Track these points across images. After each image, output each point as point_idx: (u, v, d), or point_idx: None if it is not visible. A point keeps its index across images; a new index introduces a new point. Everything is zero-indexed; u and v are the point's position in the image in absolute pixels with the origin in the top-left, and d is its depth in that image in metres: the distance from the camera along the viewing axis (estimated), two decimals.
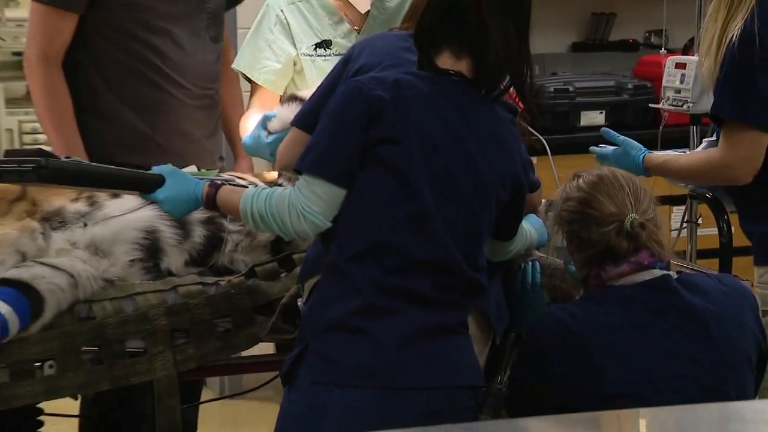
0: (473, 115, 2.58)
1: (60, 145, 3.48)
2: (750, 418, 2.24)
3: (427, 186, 2.50)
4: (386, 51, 2.83)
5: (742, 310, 2.76)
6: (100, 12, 3.48)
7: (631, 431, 2.25)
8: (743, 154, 2.97)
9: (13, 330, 2.68)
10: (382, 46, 2.86)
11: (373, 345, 2.49)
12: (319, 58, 3.55)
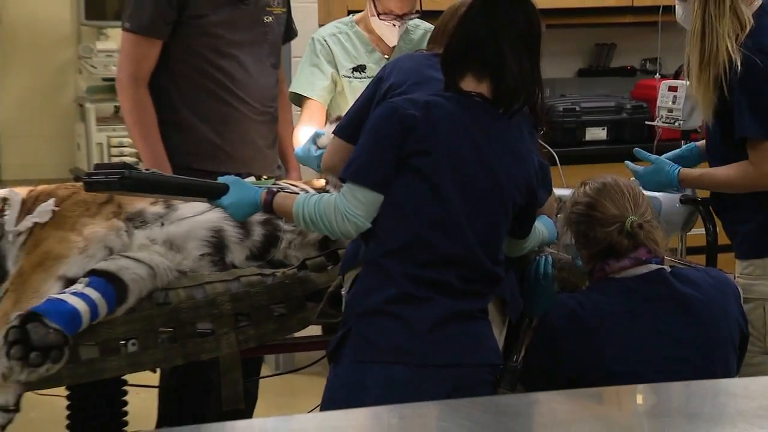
0: (492, 130, 2.59)
1: (146, 152, 3.53)
2: (736, 393, 2.23)
3: (453, 191, 2.51)
4: (412, 70, 2.84)
5: (726, 298, 2.75)
6: (180, 39, 3.50)
7: (630, 405, 2.22)
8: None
9: (102, 313, 2.71)
10: (408, 66, 2.87)
11: (406, 328, 2.50)
12: (356, 79, 3.59)
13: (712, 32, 2.91)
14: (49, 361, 2.60)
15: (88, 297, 2.69)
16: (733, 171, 3.01)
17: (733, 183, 3.03)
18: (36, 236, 2.89)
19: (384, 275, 2.53)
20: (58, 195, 2.99)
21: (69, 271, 2.78)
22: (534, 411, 2.18)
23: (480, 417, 2.04)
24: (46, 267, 2.79)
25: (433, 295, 2.51)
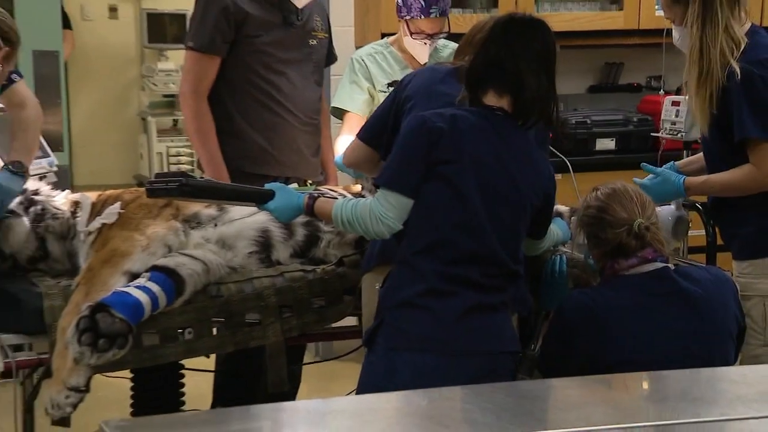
0: (512, 140, 2.58)
1: (205, 157, 3.56)
2: (735, 380, 2.23)
3: (476, 196, 2.50)
4: (423, 84, 2.83)
5: (725, 294, 2.73)
6: (235, 57, 3.53)
7: (636, 390, 2.21)
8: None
9: (162, 305, 2.71)
10: (421, 81, 2.86)
11: (434, 319, 2.49)
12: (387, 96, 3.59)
13: (708, 53, 2.89)
14: (115, 347, 2.61)
15: (149, 290, 2.70)
16: (737, 174, 2.95)
17: (738, 185, 2.97)
18: (104, 235, 2.90)
19: (414, 272, 2.53)
20: (123, 199, 3.00)
21: (133, 267, 2.78)
22: (550, 395, 2.18)
23: (502, 401, 2.03)
24: (113, 263, 2.80)
25: (458, 290, 2.50)
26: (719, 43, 2.88)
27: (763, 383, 2.18)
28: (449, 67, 2.93)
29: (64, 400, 2.65)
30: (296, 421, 1.98)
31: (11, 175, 2.95)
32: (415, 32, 3.50)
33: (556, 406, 2.10)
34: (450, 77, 2.81)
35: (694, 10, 2.91)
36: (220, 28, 3.48)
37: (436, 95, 2.74)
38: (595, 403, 2.09)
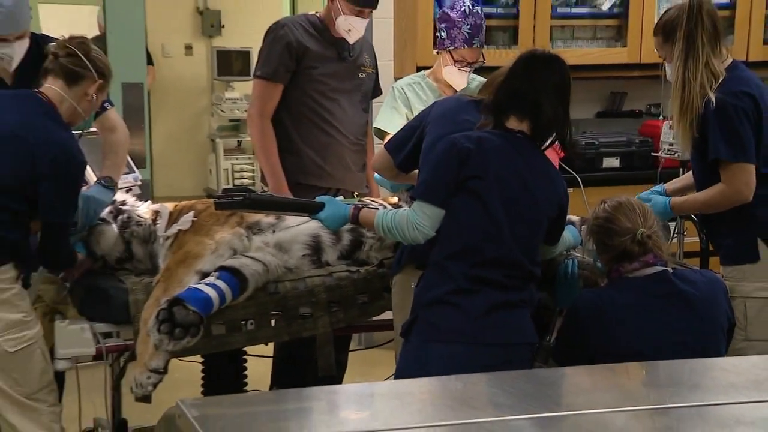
0: (531, 159, 2.56)
1: (268, 170, 3.58)
2: (727, 369, 2.18)
3: (500, 208, 2.48)
4: (444, 113, 2.82)
5: (716, 294, 2.68)
6: (296, 85, 3.55)
7: (640, 378, 2.18)
8: (744, 181, 2.84)
9: (228, 299, 2.72)
10: (444, 109, 2.86)
11: (462, 314, 2.47)
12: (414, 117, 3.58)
13: (690, 86, 2.87)
14: (189, 335, 2.63)
15: (218, 287, 2.71)
16: (711, 193, 2.92)
17: (713, 203, 2.94)
18: (180, 240, 2.91)
19: (445, 273, 2.51)
20: (196, 208, 3.01)
21: (204, 267, 2.79)
22: (564, 382, 2.15)
23: (523, 386, 2.02)
24: (187, 263, 2.81)
25: (483, 289, 2.48)
26: (699, 77, 2.86)
27: (752, 372, 2.14)
28: (472, 98, 2.92)
29: (146, 380, 2.67)
30: (343, 402, 1.97)
31: (103, 189, 2.98)
32: (459, 60, 3.48)
33: (569, 391, 2.07)
34: (471, 107, 2.80)
35: (679, 48, 2.89)
36: (283, 60, 3.50)
37: (459, 121, 2.73)
38: (603, 388, 2.06)
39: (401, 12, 4.71)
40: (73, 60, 2.73)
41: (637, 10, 4.84)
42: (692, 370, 2.20)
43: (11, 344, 2.59)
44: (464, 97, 3.00)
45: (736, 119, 2.83)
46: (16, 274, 2.63)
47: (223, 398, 2.18)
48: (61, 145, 2.67)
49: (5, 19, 2.87)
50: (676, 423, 1.80)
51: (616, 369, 2.24)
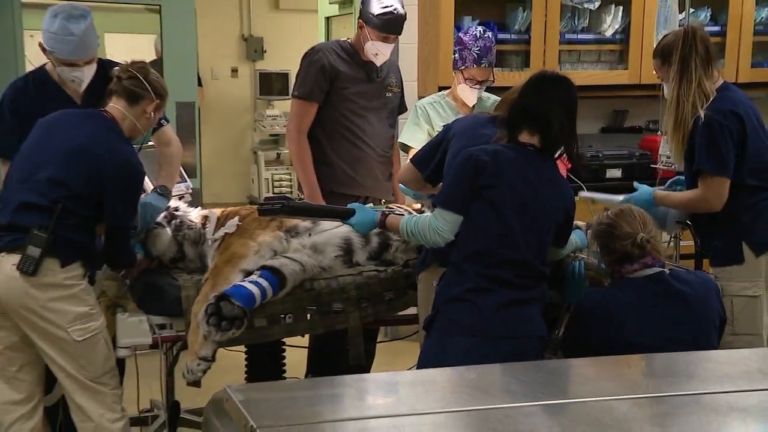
0: (541, 170, 2.54)
1: (304, 180, 3.57)
2: (720, 360, 2.18)
3: (512, 214, 2.46)
4: (465, 129, 2.82)
5: (709, 293, 2.66)
6: (329, 103, 3.55)
7: (640, 368, 2.16)
8: (716, 193, 2.84)
9: (269, 296, 2.71)
10: (465, 125, 2.86)
11: (478, 310, 2.45)
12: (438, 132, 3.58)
13: (683, 104, 2.87)
14: (234, 327, 2.63)
15: (260, 284, 2.70)
16: (687, 196, 2.95)
17: (688, 204, 2.97)
18: (226, 242, 2.91)
19: (462, 273, 2.49)
20: (241, 214, 3.01)
21: (248, 266, 2.78)
22: (571, 372, 2.14)
23: (534, 375, 2.01)
24: (232, 263, 2.80)
25: (497, 288, 2.46)
26: (692, 96, 2.85)
27: (743, 364, 2.12)
28: (489, 115, 2.93)
29: (196, 367, 2.68)
30: (372, 388, 1.97)
31: (158, 196, 2.99)
32: (468, 78, 3.48)
33: (576, 380, 2.06)
34: (489, 123, 2.80)
35: (674, 70, 2.89)
36: (318, 82, 3.51)
37: (477, 135, 2.73)
38: (606, 377, 2.05)
39: (424, 38, 4.71)
40: (134, 82, 2.76)
41: (637, 36, 4.81)
42: (688, 361, 2.18)
43: (79, 334, 2.60)
44: (482, 115, 3.00)
45: (721, 136, 2.82)
46: (83, 271, 2.64)
47: (264, 384, 2.19)
48: (123, 158, 2.69)
49: (76, 47, 2.89)
50: (673, 410, 1.78)
51: (618, 360, 2.22)
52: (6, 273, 2.54)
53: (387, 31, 3.48)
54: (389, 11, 3.45)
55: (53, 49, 2.91)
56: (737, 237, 2.88)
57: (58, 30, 2.87)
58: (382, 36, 3.49)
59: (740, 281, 2.87)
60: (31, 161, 2.66)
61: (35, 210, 2.58)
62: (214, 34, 7.65)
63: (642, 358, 2.21)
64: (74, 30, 2.87)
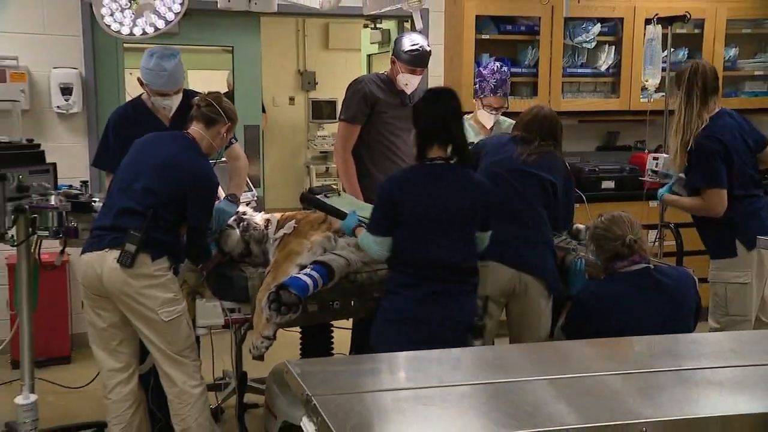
0: (448, 179, 2.48)
1: (349, 190, 3.54)
2: (699, 341, 2.15)
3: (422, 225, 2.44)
4: (494, 146, 2.82)
5: (687, 285, 2.63)
6: (370, 125, 3.53)
7: (630, 349, 2.12)
8: (715, 201, 2.98)
9: (319, 286, 2.70)
10: (493, 143, 2.86)
11: (405, 300, 2.45)
12: None
13: (687, 129, 2.98)
14: (291, 312, 2.62)
15: (312, 276, 2.69)
16: (694, 202, 3.06)
17: (694, 208, 3.08)
18: (284, 241, 2.92)
19: (395, 273, 2.50)
20: (296, 218, 3.02)
21: (302, 261, 2.78)
22: (572, 351, 2.11)
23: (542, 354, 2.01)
24: (290, 258, 2.81)
25: (420, 282, 2.44)
26: (692, 123, 2.96)
27: (717, 345, 2.10)
28: (509, 135, 2.91)
29: (260, 344, 2.68)
30: (405, 364, 1.96)
31: (229, 203, 3.02)
32: (487, 105, 3.48)
33: (575, 358, 2.03)
34: (510, 141, 2.79)
35: (681, 98, 3.00)
36: (360, 107, 3.50)
37: (502, 151, 2.74)
38: (600, 356, 2.03)
39: (450, 71, 4.71)
40: (210, 109, 2.79)
41: (627, 70, 4.78)
42: (671, 342, 2.16)
43: (166, 315, 2.63)
44: (505, 135, 2.99)
45: (711, 157, 2.94)
46: (169, 264, 2.67)
47: (316, 359, 2.20)
48: (202, 171, 2.72)
49: (167, 80, 2.95)
50: (658, 383, 1.76)
51: (611, 342, 2.20)
52: (109, 265, 2.59)
53: (414, 65, 3.47)
54: (416, 49, 3.45)
55: (149, 82, 2.96)
56: (731, 235, 2.96)
57: (153, 66, 2.93)
58: (410, 69, 3.48)
59: (733, 271, 2.97)
60: (128, 174, 2.70)
61: (132, 214, 2.61)
62: (276, 69, 7.70)
63: (631, 340, 2.19)
64: (166, 66, 2.93)
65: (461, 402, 1.66)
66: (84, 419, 3.27)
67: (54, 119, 4.19)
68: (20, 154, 2.86)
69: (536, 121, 2.76)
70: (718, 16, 4.83)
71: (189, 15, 3.17)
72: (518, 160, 2.69)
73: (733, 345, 2.09)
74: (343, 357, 2.78)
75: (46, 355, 3.97)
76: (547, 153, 2.72)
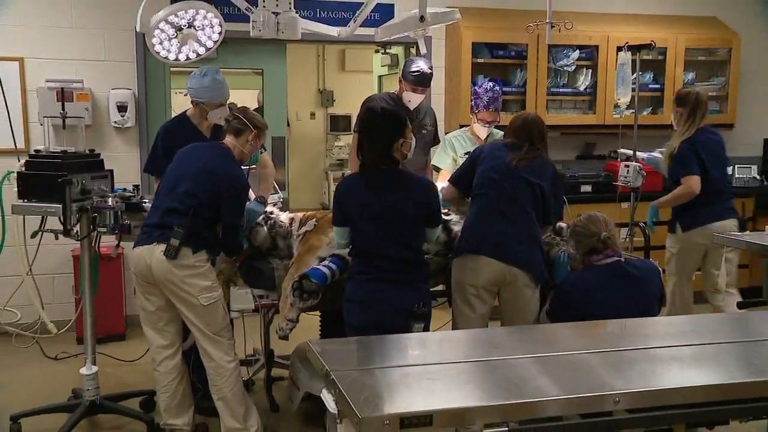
0: (391, 182, 2.46)
1: None
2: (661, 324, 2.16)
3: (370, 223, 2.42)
4: (490, 151, 2.78)
5: (653, 275, 2.58)
6: None
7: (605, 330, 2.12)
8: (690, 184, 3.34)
9: (336, 276, 2.68)
10: (488, 150, 2.81)
11: (358, 286, 2.44)
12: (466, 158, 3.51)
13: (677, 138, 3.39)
14: (312, 298, 2.62)
15: (330, 267, 2.68)
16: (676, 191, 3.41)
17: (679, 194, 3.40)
18: (306, 237, 2.91)
19: (353, 263, 2.49)
20: (317, 217, 2.99)
21: (322, 254, 2.77)
22: (555, 333, 2.12)
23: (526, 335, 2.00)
24: (311, 252, 2.79)
25: (372, 271, 2.42)
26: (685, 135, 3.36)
27: (678, 327, 2.09)
28: (502, 142, 2.89)
29: (285, 326, 2.67)
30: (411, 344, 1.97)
31: (258, 204, 3.01)
32: (481, 119, 3.45)
33: (557, 339, 2.03)
34: (504, 147, 2.76)
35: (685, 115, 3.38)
36: None
37: (496, 157, 2.71)
38: (579, 336, 2.03)
39: (450, 90, 4.70)
40: (237, 121, 2.77)
41: (602, 90, 4.77)
42: (639, 325, 2.16)
43: (205, 300, 2.63)
44: (498, 142, 2.96)
45: (687, 158, 3.33)
46: (207, 257, 2.67)
47: (334, 340, 2.19)
48: (235, 175, 2.71)
49: (225, 89, 3.00)
50: (629, 359, 1.76)
51: (588, 324, 2.20)
52: (156, 257, 2.60)
53: (416, 84, 3.42)
54: (418, 71, 3.41)
55: (209, 98, 2.97)
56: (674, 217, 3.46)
57: (210, 83, 2.95)
58: (412, 88, 3.43)
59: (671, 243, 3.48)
60: (173, 179, 2.70)
61: (176, 213, 2.62)
62: (299, 88, 7.71)
63: (606, 323, 2.18)
64: (220, 78, 2.98)
65: (460, 376, 1.66)
66: (136, 388, 3.29)
67: (112, 132, 4.25)
68: (83, 162, 2.88)
69: (525, 125, 2.75)
70: (678, 45, 4.87)
71: (225, 42, 3.17)
72: (510, 165, 2.67)
73: (692, 326, 2.08)
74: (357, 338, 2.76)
75: (105, 333, 4.00)
76: (536, 158, 2.70)
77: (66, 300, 4.15)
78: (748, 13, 5.25)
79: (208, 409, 2.89)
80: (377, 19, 4.16)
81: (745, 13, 5.23)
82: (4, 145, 3.77)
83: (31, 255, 3.35)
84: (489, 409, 1.47)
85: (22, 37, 4.07)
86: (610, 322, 2.18)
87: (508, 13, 4.73)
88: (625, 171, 3.59)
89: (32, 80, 4.07)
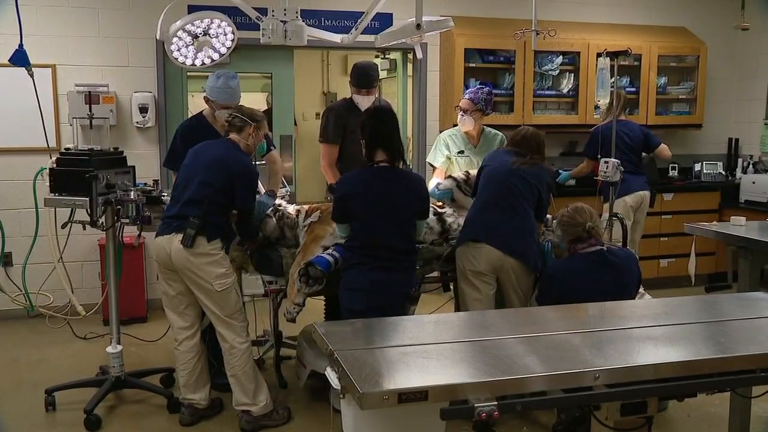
0: (393, 178, 2.45)
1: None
2: (638, 306, 2.12)
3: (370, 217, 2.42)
4: (492, 157, 2.80)
5: (631, 262, 2.58)
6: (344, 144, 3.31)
7: (585, 312, 2.11)
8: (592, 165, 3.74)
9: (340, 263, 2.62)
10: (493, 154, 2.85)
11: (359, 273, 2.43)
12: (459, 156, 3.45)
13: None
14: (317, 284, 2.62)
15: (334, 255, 2.67)
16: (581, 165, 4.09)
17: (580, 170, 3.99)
18: (312, 227, 2.89)
19: (352, 252, 2.47)
20: (321, 209, 2.98)
21: (326, 243, 2.76)
22: (542, 315, 2.11)
23: (517, 317, 2.00)
24: (316, 241, 2.79)
25: (371, 260, 2.42)
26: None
27: (653, 309, 2.08)
28: (504, 149, 2.89)
29: (292, 310, 2.68)
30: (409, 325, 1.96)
31: (268, 197, 3.00)
32: (457, 107, 3.37)
33: (544, 320, 2.02)
34: (507, 152, 2.78)
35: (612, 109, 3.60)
36: (337, 130, 3.30)
37: (501, 161, 2.74)
38: (563, 319, 2.02)
39: (444, 92, 4.66)
40: (237, 118, 2.75)
41: (584, 93, 4.75)
42: (617, 307, 2.15)
43: (219, 286, 2.62)
44: (500, 150, 2.96)
45: (593, 140, 3.79)
46: (221, 245, 2.65)
47: (337, 322, 2.19)
48: (245, 165, 2.68)
49: (233, 95, 2.97)
50: (608, 339, 1.76)
51: (571, 307, 2.19)
52: (175, 246, 2.59)
53: (360, 86, 3.26)
54: (362, 73, 3.25)
55: (217, 98, 2.97)
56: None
57: (221, 86, 2.95)
58: (357, 90, 3.28)
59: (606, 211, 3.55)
60: (188, 173, 2.69)
61: (192, 204, 2.60)
62: (305, 90, 7.67)
63: (587, 305, 2.18)
64: (232, 85, 2.97)
65: (453, 355, 1.65)
66: (158, 365, 3.29)
67: (134, 132, 4.25)
68: (108, 159, 2.88)
69: (525, 139, 2.79)
70: (651, 52, 4.89)
71: (237, 49, 3.14)
72: (513, 167, 2.71)
73: (665, 309, 2.08)
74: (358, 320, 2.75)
75: (128, 315, 4.00)
76: (536, 164, 2.75)
77: (93, 285, 4.16)
78: (714, 24, 5.32)
79: (223, 386, 2.89)
80: (377, 27, 4.14)
81: (711, 24, 5.31)
82: (37, 144, 3.77)
83: (62, 244, 3.41)
84: (480, 385, 1.47)
85: (55, 46, 4.10)
86: (592, 305, 2.18)
87: (498, 22, 4.72)
88: (605, 167, 3.58)
89: (63, 85, 4.10)
